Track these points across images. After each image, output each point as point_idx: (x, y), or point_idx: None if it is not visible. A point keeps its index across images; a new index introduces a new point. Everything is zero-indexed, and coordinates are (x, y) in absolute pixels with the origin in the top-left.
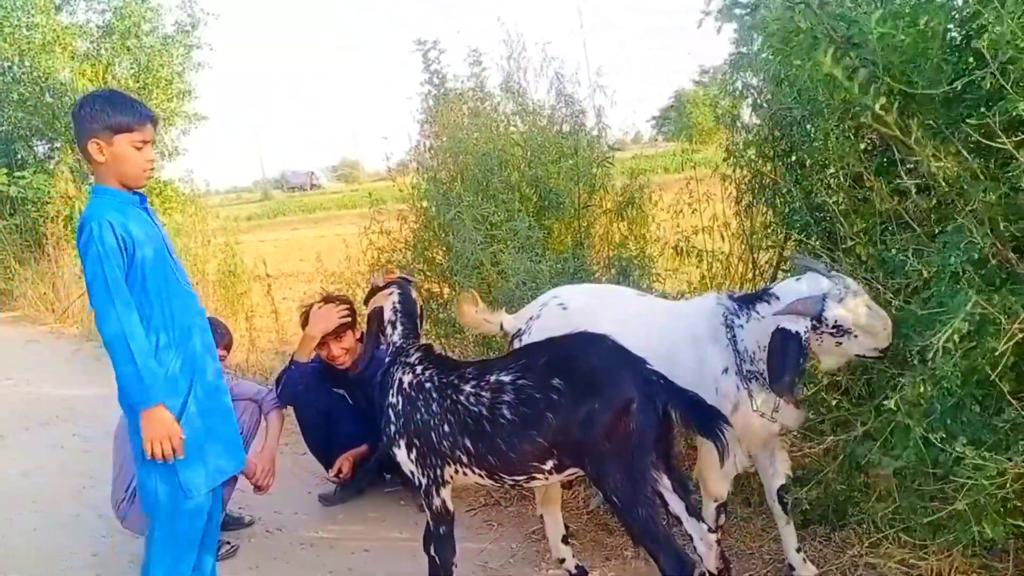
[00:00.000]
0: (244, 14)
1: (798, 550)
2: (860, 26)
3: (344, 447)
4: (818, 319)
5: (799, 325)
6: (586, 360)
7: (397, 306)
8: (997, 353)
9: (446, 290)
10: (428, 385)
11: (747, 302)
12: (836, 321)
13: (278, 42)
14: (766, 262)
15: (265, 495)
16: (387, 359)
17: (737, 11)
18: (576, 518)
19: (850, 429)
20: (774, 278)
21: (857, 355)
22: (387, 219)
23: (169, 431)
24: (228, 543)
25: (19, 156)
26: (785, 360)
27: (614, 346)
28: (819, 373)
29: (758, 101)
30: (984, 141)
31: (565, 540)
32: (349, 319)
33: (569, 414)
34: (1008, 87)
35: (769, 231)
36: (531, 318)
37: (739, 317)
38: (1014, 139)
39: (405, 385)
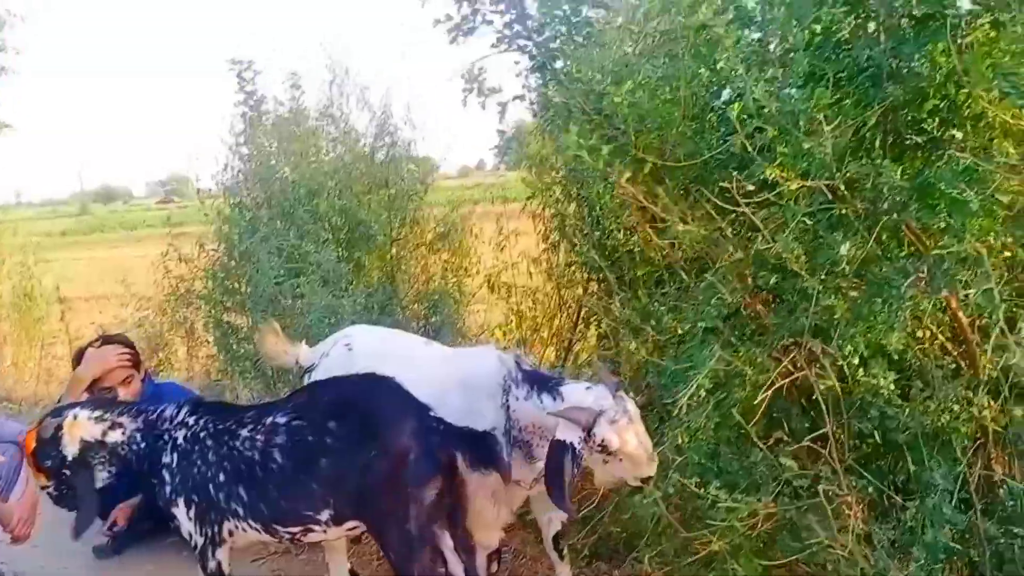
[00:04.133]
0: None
1: None
2: (609, 98)
3: (119, 497)
4: (588, 433)
5: (573, 435)
6: (366, 404)
7: None
8: (747, 402)
9: (247, 322)
10: (203, 435)
11: (533, 382)
12: (603, 441)
13: (108, 56)
14: (573, 300)
15: (29, 547)
16: (141, 434)
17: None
18: (366, 564)
19: None
20: (579, 314)
21: (620, 483)
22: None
23: None
24: None
25: None
26: (562, 476)
27: (398, 391)
28: None
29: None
30: (723, 206)
31: None
32: (129, 362)
33: (344, 461)
34: (754, 152)
35: (572, 270)
36: (323, 355)
37: (519, 389)
38: (759, 198)
39: (180, 440)
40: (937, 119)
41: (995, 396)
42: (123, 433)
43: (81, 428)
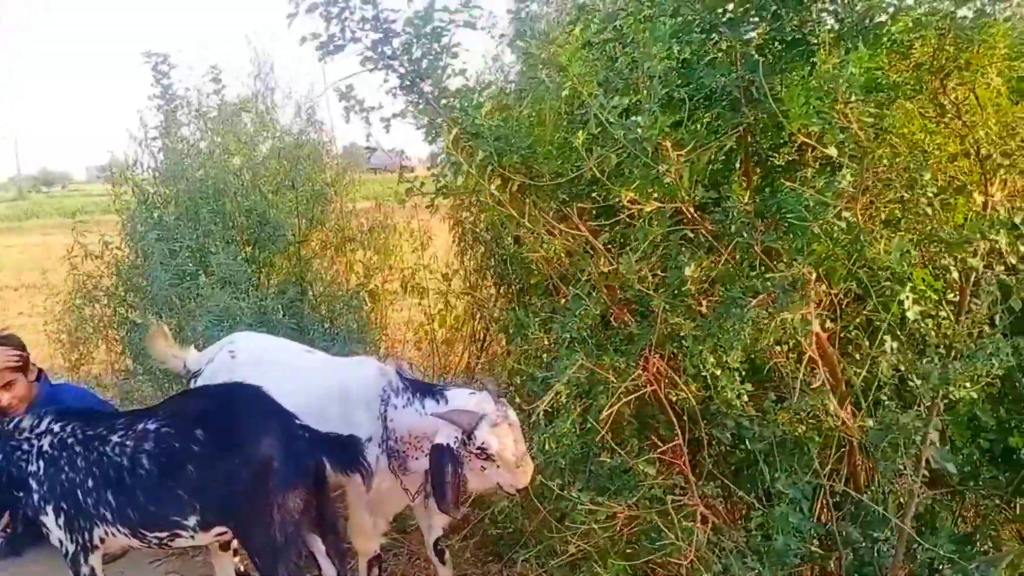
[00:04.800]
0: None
1: None
2: (473, 118)
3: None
4: (469, 436)
5: (450, 437)
6: (232, 412)
7: None
8: (608, 409)
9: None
10: (71, 440)
11: (416, 390)
12: (483, 443)
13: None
14: (484, 300)
15: None
16: (3, 442)
17: None
18: None
19: None
20: (494, 317)
21: (499, 487)
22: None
23: None
24: None
25: None
26: (444, 478)
27: (264, 400)
28: None
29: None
30: (589, 223)
31: None
32: (17, 363)
33: (209, 468)
34: (603, 178)
35: (480, 275)
36: (208, 360)
37: (398, 398)
38: (619, 217)
39: (45, 447)
40: (796, 143)
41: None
42: None
43: None
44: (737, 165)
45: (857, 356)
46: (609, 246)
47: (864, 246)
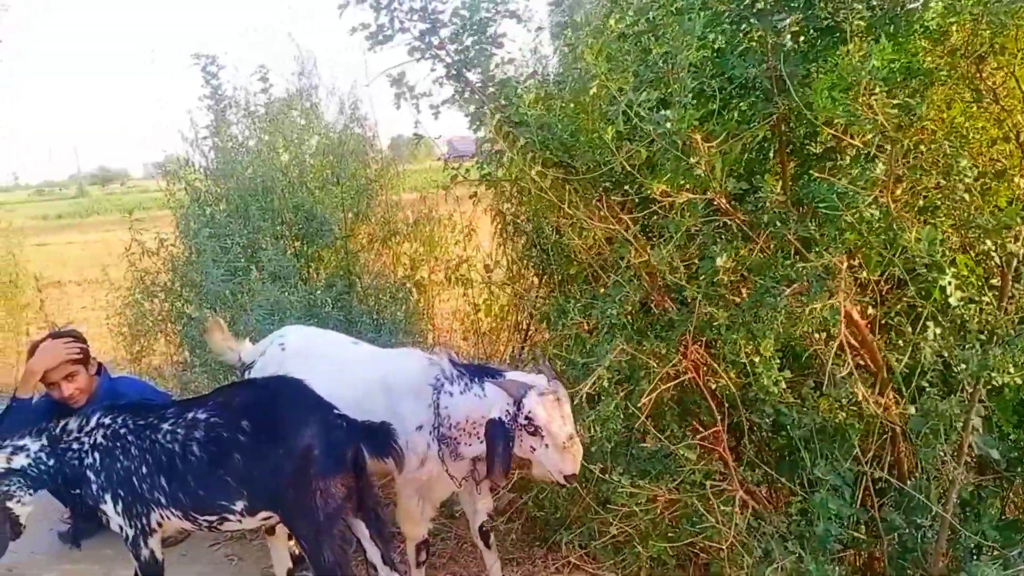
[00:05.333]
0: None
1: None
2: (516, 107)
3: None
4: (518, 405)
5: (502, 411)
6: (274, 404)
7: None
8: (648, 394)
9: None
10: (123, 431)
11: (475, 376)
12: (529, 413)
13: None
14: (525, 290)
15: None
16: (47, 452)
17: None
18: None
19: None
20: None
21: (551, 476)
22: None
23: None
24: None
25: None
26: (497, 449)
27: (305, 392)
28: None
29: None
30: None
31: (290, 573)
32: (78, 356)
33: (254, 457)
34: (634, 171)
35: (522, 265)
36: (260, 353)
37: (454, 385)
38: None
39: (99, 440)
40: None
41: (901, 392)
42: (27, 456)
43: None
44: (771, 154)
45: (900, 343)
46: (647, 234)
47: (897, 234)
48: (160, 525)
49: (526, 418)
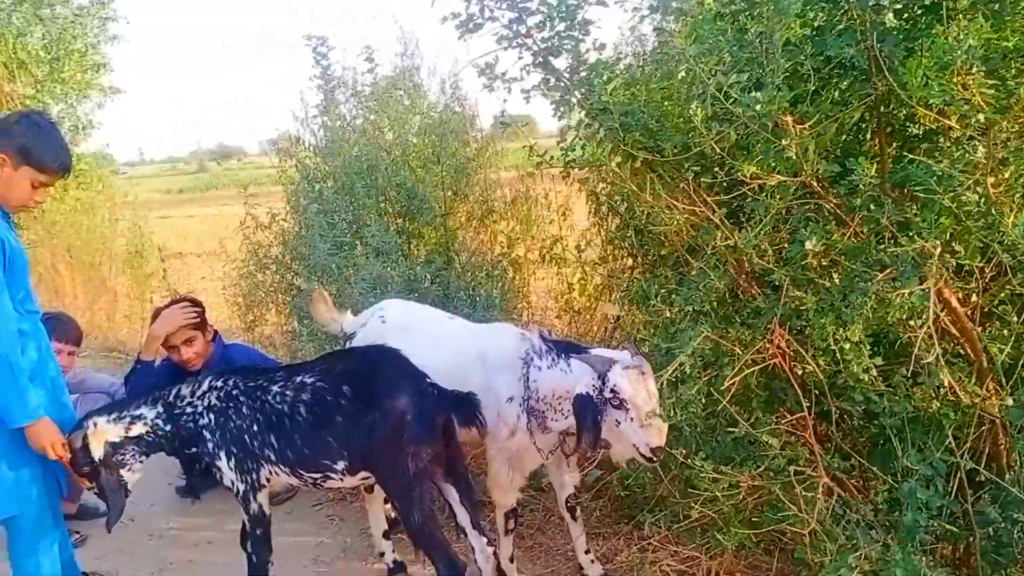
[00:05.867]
0: None
1: (587, 552)
2: (599, 95)
3: None
4: (603, 380)
5: (589, 386)
6: (373, 372)
7: None
8: (731, 380)
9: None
10: (235, 392)
11: (562, 351)
12: (615, 387)
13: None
14: (619, 270)
15: None
16: (164, 419)
17: None
18: None
19: None
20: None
21: (634, 453)
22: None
23: (56, 436)
24: (78, 533)
25: None
26: (585, 420)
27: (401, 361)
28: None
29: None
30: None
31: (386, 535)
32: (197, 320)
33: (354, 421)
34: (723, 154)
35: (615, 246)
36: (362, 325)
37: (542, 360)
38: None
39: (213, 401)
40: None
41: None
42: (145, 424)
43: (103, 434)
44: (868, 136)
45: (1005, 332)
46: (736, 218)
47: (996, 220)
48: (268, 480)
49: (611, 391)
